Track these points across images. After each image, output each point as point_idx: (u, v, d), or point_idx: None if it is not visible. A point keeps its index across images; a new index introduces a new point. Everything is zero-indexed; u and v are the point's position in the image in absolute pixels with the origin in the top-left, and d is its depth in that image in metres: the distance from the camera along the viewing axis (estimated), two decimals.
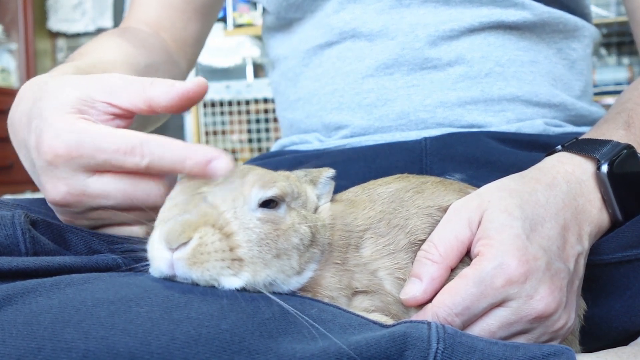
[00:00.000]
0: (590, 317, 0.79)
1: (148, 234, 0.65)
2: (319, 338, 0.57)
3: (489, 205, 0.70)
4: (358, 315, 0.64)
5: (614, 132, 0.84)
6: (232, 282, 0.60)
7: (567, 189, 0.75)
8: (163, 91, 0.66)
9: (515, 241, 0.67)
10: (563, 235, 0.71)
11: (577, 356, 0.65)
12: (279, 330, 0.56)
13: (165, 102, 0.66)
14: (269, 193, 0.64)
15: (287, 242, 0.65)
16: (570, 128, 1.10)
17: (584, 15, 1.18)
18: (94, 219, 0.71)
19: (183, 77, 1.26)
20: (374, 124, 1.08)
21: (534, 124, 1.06)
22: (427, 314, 0.66)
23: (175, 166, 0.63)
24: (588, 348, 0.78)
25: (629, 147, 0.79)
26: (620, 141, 0.80)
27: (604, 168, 0.77)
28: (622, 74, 4.23)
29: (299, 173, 0.77)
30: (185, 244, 0.59)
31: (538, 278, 0.66)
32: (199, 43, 1.30)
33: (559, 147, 0.83)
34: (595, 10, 3.81)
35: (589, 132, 0.88)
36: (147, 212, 0.68)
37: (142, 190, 0.68)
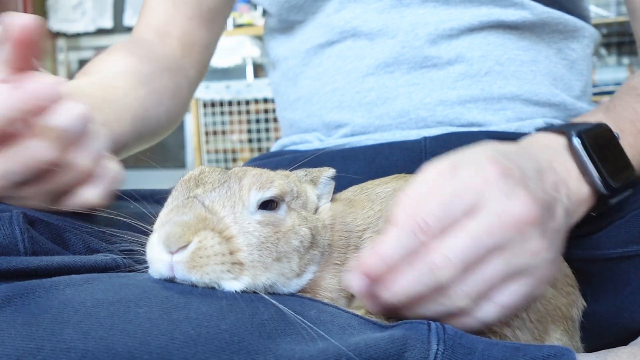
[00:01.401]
0: (591, 313, 0.79)
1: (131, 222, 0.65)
2: (318, 339, 0.57)
3: (462, 155, 0.68)
4: (357, 316, 0.64)
5: (593, 115, 0.86)
6: (232, 285, 0.60)
7: (542, 150, 0.75)
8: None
9: (490, 155, 0.65)
10: (540, 174, 0.68)
11: (577, 356, 0.65)
12: (278, 331, 0.56)
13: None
14: (267, 194, 0.64)
15: (288, 244, 0.64)
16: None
17: (583, 17, 1.18)
18: (34, 194, 0.69)
19: (190, 82, 1.26)
20: (374, 122, 1.08)
21: (534, 123, 1.06)
22: (395, 221, 0.63)
23: None
24: (589, 345, 0.78)
25: (602, 124, 0.80)
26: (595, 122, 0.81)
27: (575, 140, 0.78)
28: (622, 74, 4.23)
29: (299, 173, 0.77)
30: (184, 247, 0.59)
31: (515, 182, 0.63)
32: (208, 48, 1.30)
33: (534, 130, 0.84)
34: (595, 10, 3.81)
35: (570, 120, 0.91)
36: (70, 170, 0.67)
37: (28, 155, 0.65)
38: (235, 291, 0.60)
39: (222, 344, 0.52)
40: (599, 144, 0.78)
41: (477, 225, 0.61)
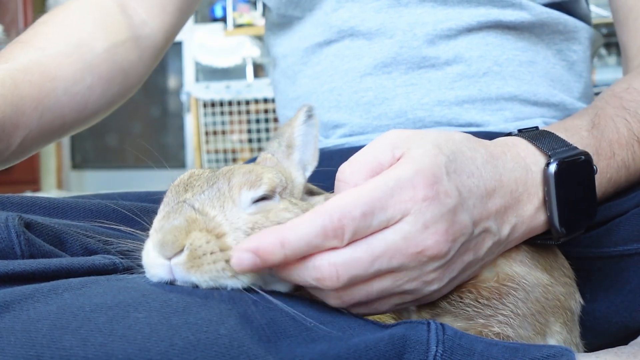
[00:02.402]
0: (590, 311, 0.79)
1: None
2: (318, 341, 0.57)
3: (422, 140, 0.65)
4: (357, 316, 0.64)
5: (577, 131, 0.80)
6: (233, 284, 0.60)
7: (512, 168, 0.70)
8: None
9: (433, 167, 0.62)
10: (485, 199, 0.66)
11: (577, 356, 0.65)
12: (277, 334, 0.56)
13: None
14: (259, 192, 0.65)
15: (283, 219, 0.64)
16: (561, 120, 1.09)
17: (584, 18, 1.17)
18: None
19: (155, 49, 1.20)
20: (372, 123, 1.08)
21: (533, 123, 1.05)
22: (317, 214, 0.59)
23: None
24: (588, 343, 0.78)
25: (586, 154, 0.74)
26: (579, 145, 0.75)
27: (552, 167, 0.70)
28: (621, 74, 4.22)
29: (273, 146, 0.75)
30: (180, 252, 0.59)
31: (441, 212, 0.61)
32: (180, 12, 1.22)
33: (516, 131, 0.78)
34: (595, 10, 3.81)
35: (554, 124, 0.84)
36: None
37: None
38: (235, 293, 0.60)
39: (222, 349, 0.52)
40: (575, 178, 0.72)
41: (383, 245, 0.59)
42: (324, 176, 0.84)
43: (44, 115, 0.96)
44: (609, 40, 4.35)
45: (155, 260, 0.60)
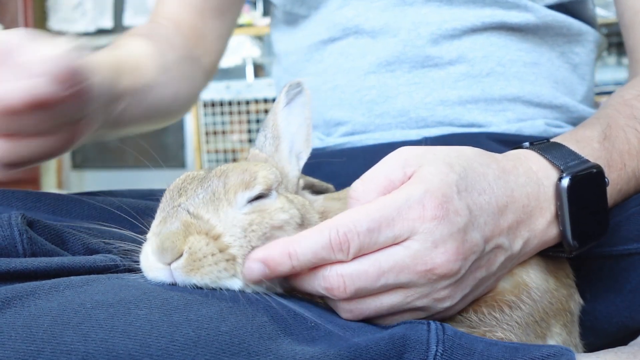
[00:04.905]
0: (591, 311, 0.79)
1: None
2: (319, 340, 0.57)
3: (433, 157, 0.65)
4: None
5: (589, 143, 0.79)
6: (232, 284, 0.61)
7: (524, 183, 0.70)
8: None
9: (444, 187, 0.62)
10: (496, 216, 0.66)
11: (577, 356, 0.65)
12: (278, 332, 0.56)
13: None
14: (254, 192, 0.65)
15: (277, 220, 0.64)
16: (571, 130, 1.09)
17: (589, 21, 1.17)
18: None
19: (205, 71, 1.28)
20: (374, 121, 1.08)
21: (535, 124, 1.06)
22: (324, 227, 0.60)
23: None
24: (588, 343, 0.78)
25: (597, 167, 0.73)
26: (591, 157, 0.75)
27: (565, 182, 0.70)
28: (622, 74, 4.22)
29: (260, 140, 0.75)
30: (179, 257, 0.59)
31: (450, 232, 0.61)
32: (221, 40, 1.32)
33: (527, 144, 0.78)
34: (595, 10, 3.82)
35: (565, 135, 0.83)
36: None
37: None
38: (236, 292, 0.60)
39: (223, 346, 0.52)
40: (587, 192, 0.72)
41: (390, 260, 0.60)
42: (325, 176, 0.84)
43: (140, 93, 0.99)
44: (609, 41, 4.35)
45: (156, 265, 0.61)
